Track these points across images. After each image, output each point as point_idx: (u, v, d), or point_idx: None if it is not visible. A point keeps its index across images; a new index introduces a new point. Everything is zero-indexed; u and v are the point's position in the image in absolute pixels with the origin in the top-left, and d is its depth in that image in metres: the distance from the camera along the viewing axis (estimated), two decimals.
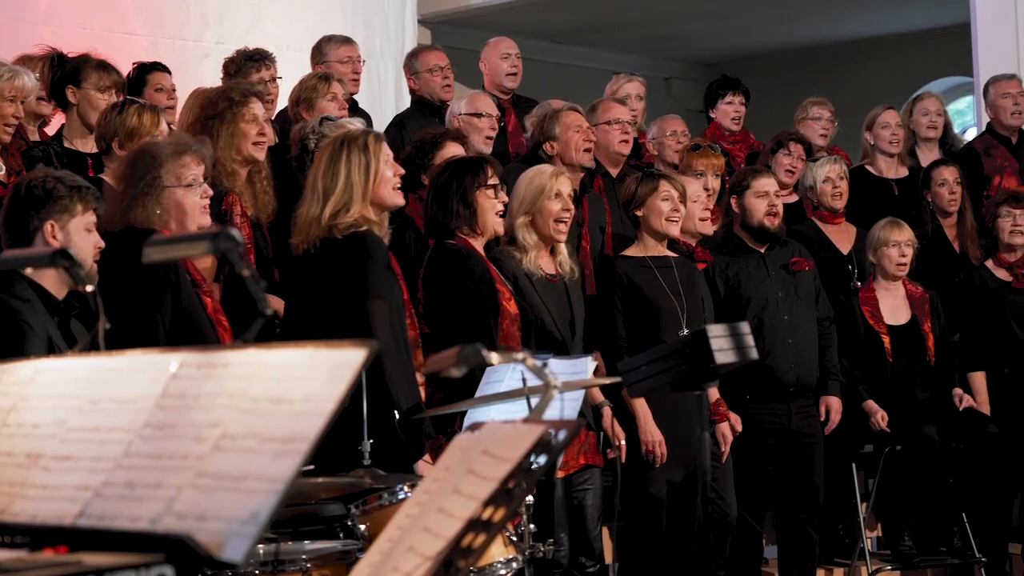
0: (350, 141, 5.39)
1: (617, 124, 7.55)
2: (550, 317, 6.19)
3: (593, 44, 14.61)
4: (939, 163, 8.45)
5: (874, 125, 8.83)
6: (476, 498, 2.85)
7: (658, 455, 6.50)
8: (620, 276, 6.65)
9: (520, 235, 6.23)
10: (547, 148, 7.08)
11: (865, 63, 15.07)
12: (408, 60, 8.72)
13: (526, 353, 3.30)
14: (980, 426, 7.46)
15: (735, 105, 9.15)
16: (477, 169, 5.94)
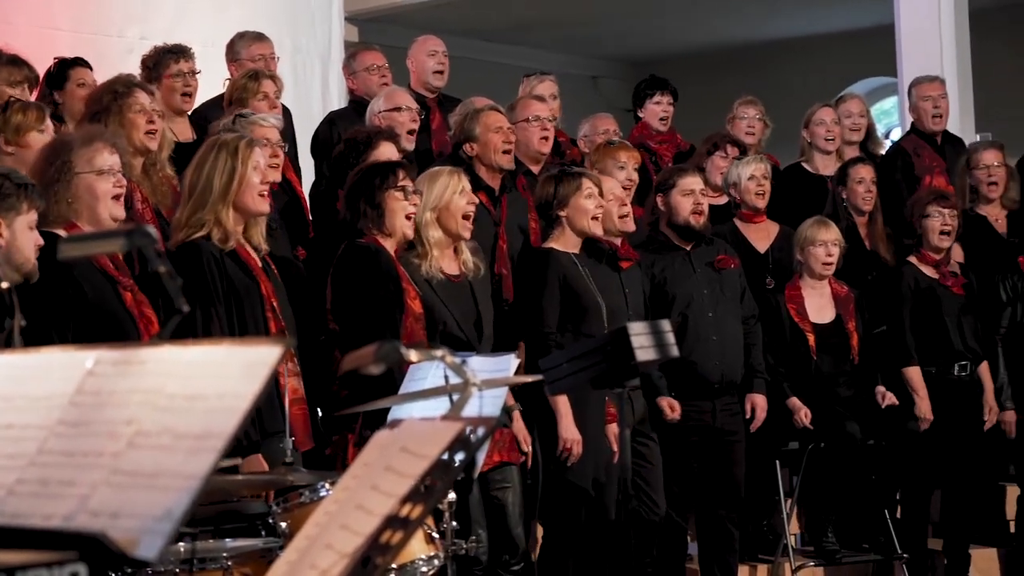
0: (222, 144, 5.46)
1: (536, 121, 7.55)
2: (453, 319, 6.17)
3: (522, 42, 14.62)
4: (856, 161, 8.51)
5: (810, 123, 8.88)
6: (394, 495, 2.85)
7: (574, 454, 6.50)
8: (545, 272, 6.64)
9: (425, 233, 6.21)
10: (467, 149, 7.07)
11: (792, 63, 15.16)
12: (346, 60, 8.75)
13: (445, 351, 3.30)
14: (902, 423, 7.51)
15: (663, 105, 9.17)
16: (387, 172, 5.97)
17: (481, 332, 6.26)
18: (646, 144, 8.88)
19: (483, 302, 6.33)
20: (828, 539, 7.77)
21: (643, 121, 9.17)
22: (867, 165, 8.43)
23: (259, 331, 5.39)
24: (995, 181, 8.48)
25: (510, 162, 7.14)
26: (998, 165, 8.49)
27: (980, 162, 8.48)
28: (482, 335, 6.26)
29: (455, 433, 2.90)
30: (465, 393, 3.33)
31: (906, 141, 9.33)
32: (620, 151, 7.71)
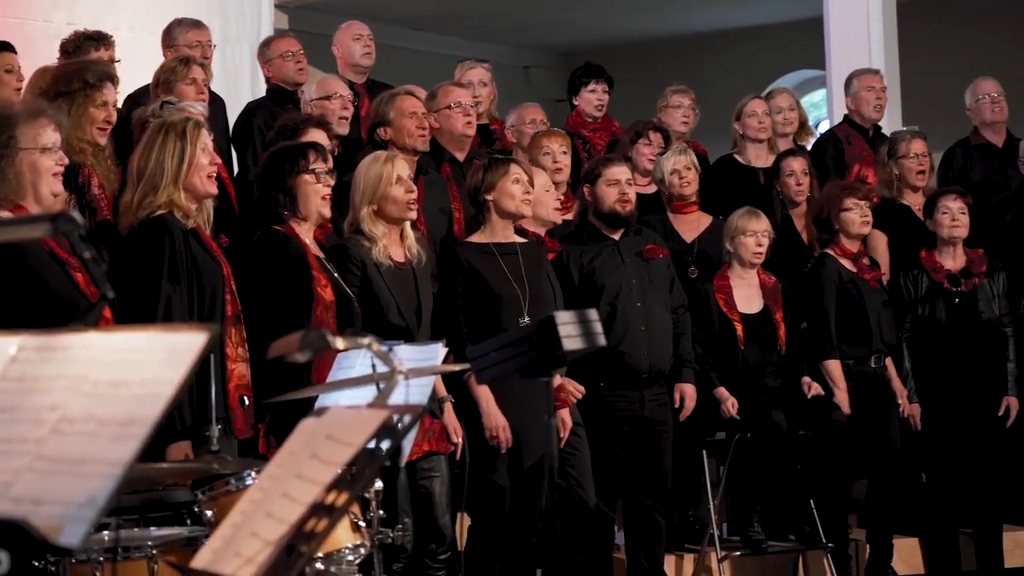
0: (169, 127, 5.43)
1: (458, 107, 7.55)
2: (395, 306, 6.18)
3: (452, 31, 14.61)
4: (788, 153, 8.56)
5: (742, 114, 8.91)
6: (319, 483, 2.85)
7: (502, 440, 6.51)
8: (461, 263, 6.64)
9: (366, 227, 6.21)
10: (381, 133, 7.08)
11: (721, 55, 15.23)
12: (260, 49, 8.70)
13: (372, 339, 3.29)
14: (827, 414, 7.56)
15: (598, 93, 9.18)
16: (298, 155, 5.94)
17: (420, 320, 6.26)
18: (580, 132, 8.90)
19: (424, 290, 6.34)
20: (754, 529, 7.82)
21: (578, 109, 9.17)
22: (799, 157, 8.47)
23: (216, 312, 5.38)
24: (923, 170, 8.55)
25: (425, 144, 7.15)
26: (926, 155, 8.56)
27: (909, 151, 8.54)
28: (421, 323, 6.26)
29: (381, 421, 2.90)
30: (391, 381, 3.33)
31: (839, 129, 9.40)
32: (545, 137, 7.74)
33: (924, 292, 8.04)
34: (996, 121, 9.35)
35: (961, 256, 8.13)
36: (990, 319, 8.08)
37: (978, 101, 9.38)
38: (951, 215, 8.06)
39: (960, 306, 8.03)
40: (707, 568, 7.76)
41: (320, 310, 5.79)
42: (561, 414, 6.70)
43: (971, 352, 8.01)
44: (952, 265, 8.09)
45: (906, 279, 8.08)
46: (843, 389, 7.80)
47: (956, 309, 8.03)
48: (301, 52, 8.48)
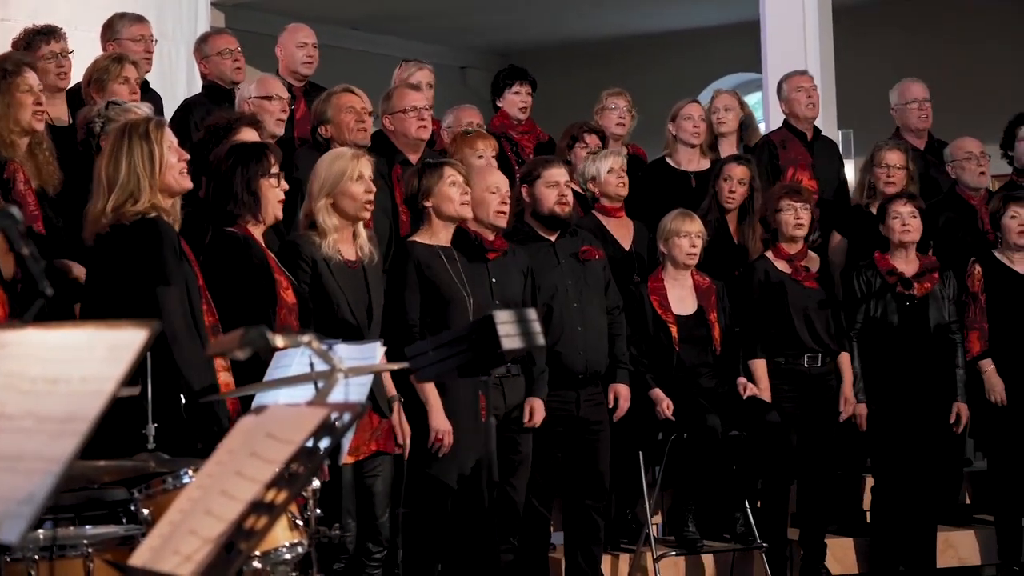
0: (131, 130, 5.33)
1: (413, 112, 7.54)
2: (346, 303, 6.16)
3: (390, 32, 14.61)
4: (732, 159, 8.59)
5: (678, 117, 8.94)
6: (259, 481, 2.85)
7: (445, 444, 6.51)
8: (414, 261, 6.65)
9: (321, 218, 6.19)
10: (322, 131, 7.08)
11: (658, 58, 15.29)
12: (198, 44, 8.63)
13: (312, 336, 3.29)
14: (761, 415, 7.60)
15: (522, 95, 9.17)
16: (260, 156, 5.88)
17: (371, 318, 6.25)
18: (507, 134, 8.90)
19: (375, 289, 6.31)
20: (689, 529, 7.85)
21: (503, 111, 9.16)
22: (742, 166, 8.48)
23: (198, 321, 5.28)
24: (893, 181, 8.60)
25: (365, 139, 7.14)
26: (899, 167, 8.62)
27: (883, 161, 8.61)
28: (372, 321, 6.25)
29: (320, 419, 2.90)
30: (331, 380, 3.33)
31: (775, 133, 9.44)
32: (477, 139, 7.74)
33: (876, 292, 8.10)
34: (921, 128, 9.44)
35: (914, 260, 8.19)
36: (939, 324, 8.14)
37: (905, 105, 9.46)
38: (902, 219, 8.12)
39: (911, 310, 8.09)
40: (642, 568, 7.79)
41: (284, 313, 5.74)
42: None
43: (920, 357, 8.07)
44: (905, 268, 8.15)
45: (859, 279, 8.14)
46: (765, 388, 7.85)
47: (907, 312, 8.08)
48: (239, 51, 8.44)
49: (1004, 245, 8.28)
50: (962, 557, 8.52)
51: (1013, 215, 8.23)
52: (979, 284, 8.24)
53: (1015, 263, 8.26)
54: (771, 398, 7.81)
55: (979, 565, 8.55)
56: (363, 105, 7.28)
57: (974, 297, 8.24)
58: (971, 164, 8.83)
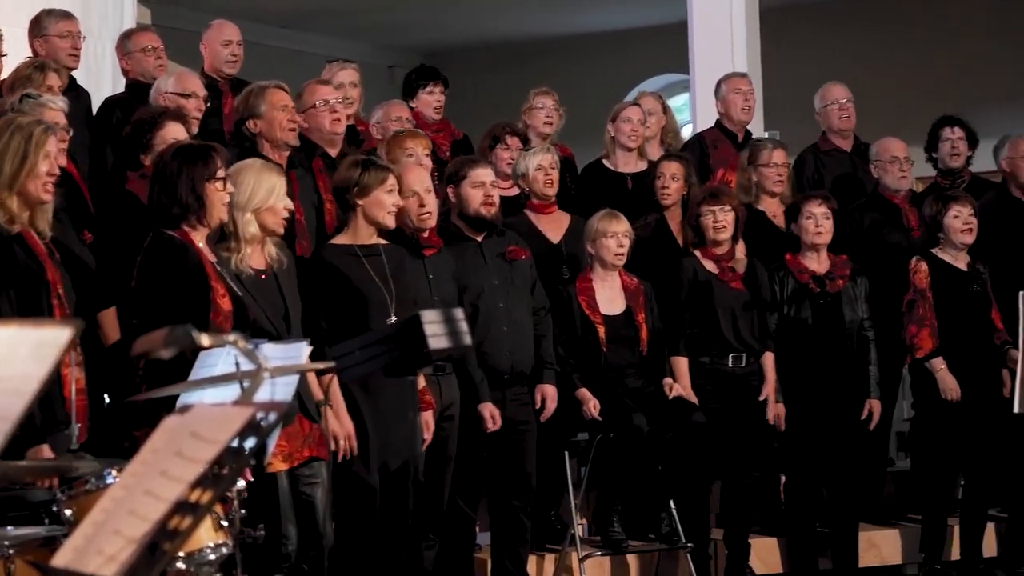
0: (16, 128, 5.29)
1: (324, 106, 7.51)
2: (263, 314, 6.07)
3: (317, 30, 14.58)
4: (668, 157, 8.63)
5: (617, 119, 8.95)
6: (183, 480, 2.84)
7: (345, 448, 6.44)
8: (325, 265, 6.59)
9: (243, 229, 6.09)
10: (250, 125, 7.01)
11: (585, 58, 15.33)
12: (120, 41, 8.57)
13: (238, 336, 3.28)
14: (687, 415, 7.63)
15: (436, 95, 9.17)
16: (207, 159, 5.77)
17: (289, 325, 6.17)
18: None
19: (290, 295, 6.23)
20: (614, 529, 7.86)
21: (416, 111, 9.13)
22: (674, 161, 8.52)
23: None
24: (782, 179, 8.67)
25: (295, 139, 7.11)
26: (783, 164, 8.68)
27: (769, 160, 8.65)
28: (291, 327, 6.16)
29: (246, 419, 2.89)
30: (256, 379, 3.32)
31: (708, 133, 9.50)
32: (408, 139, 7.73)
33: (790, 293, 8.15)
34: (844, 129, 9.51)
35: (825, 260, 8.25)
36: (853, 321, 8.20)
37: (826, 107, 9.54)
38: (815, 220, 8.17)
39: (825, 308, 8.15)
40: (568, 568, 7.80)
41: (220, 320, 5.66)
42: (425, 416, 6.68)
43: (835, 354, 8.13)
44: (817, 268, 8.20)
45: (772, 280, 8.18)
46: (686, 385, 7.88)
47: (821, 311, 8.14)
48: (162, 48, 8.39)
49: (946, 243, 8.33)
50: (884, 556, 8.60)
51: (956, 214, 8.29)
52: (926, 281, 8.29)
53: (957, 261, 8.33)
54: (695, 396, 7.84)
55: (901, 564, 8.63)
56: (294, 105, 7.24)
57: (922, 294, 8.29)
58: (894, 167, 8.91)
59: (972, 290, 8.27)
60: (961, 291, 8.27)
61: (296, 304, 6.27)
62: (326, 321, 6.48)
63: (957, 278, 8.29)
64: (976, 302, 8.28)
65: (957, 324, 8.25)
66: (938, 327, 8.25)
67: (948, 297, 8.26)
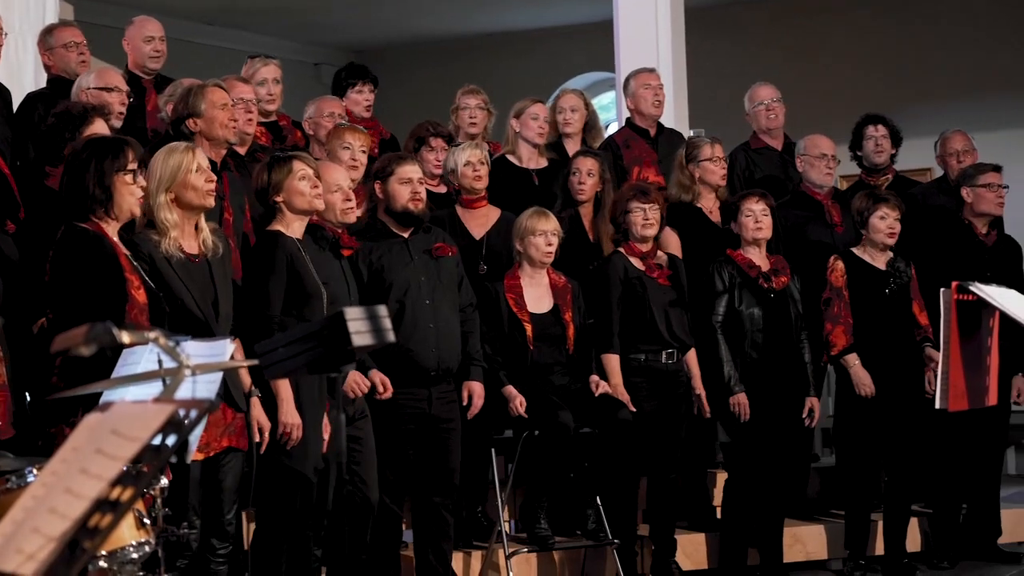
0: None
1: (241, 103, 7.50)
2: (191, 298, 6.07)
3: (243, 26, 14.52)
4: (581, 153, 8.66)
5: (523, 115, 8.97)
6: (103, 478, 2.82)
7: (293, 438, 6.46)
8: (284, 251, 6.57)
9: (161, 215, 6.09)
10: (190, 124, 6.99)
11: (512, 56, 15.34)
12: (42, 36, 8.51)
13: (159, 332, 3.26)
14: (613, 412, 7.65)
15: (364, 93, 9.20)
16: (117, 152, 5.77)
17: (218, 312, 6.17)
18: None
19: (221, 282, 6.22)
20: (541, 526, 7.88)
21: (346, 109, 9.13)
22: (588, 158, 8.56)
23: None
24: (725, 173, 8.71)
25: (235, 136, 7.10)
26: (718, 160, 8.72)
27: (711, 154, 8.69)
28: (219, 314, 6.16)
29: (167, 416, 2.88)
30: (178, 376, 3.30)
31: (618, 134, 9.54)
32: (348, 132, 7.72)
33: (739, 287, 8.18)
34: (771, 128, 9.57)
35: (764, 258, 8.29)
36: (797, 318, 8.26)
37: (755, 108, 9.61)
38: (754, 217, 8.22)
39: (773, 303, 8.19)
40: (495, 565, 7.81)
41: (135, 312, 5.64)
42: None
43: (780, 350, 8.18)
44: (759, 263, 8.25)
45: (719, 271, 8.20)
46: (618, 383, 7.91)
47: (770, 305, 8.18)
48: (84, 43, 8.33)
49: (868, 243, 8.41)
50: (809, 551, 8.66)
51: (883, 216, 8.36)
52: (843, 280, 8.37)
53: (876, 260, 8.40)
54: (627, 393, 7.86)
55: (826, 559, 8.69)
56: (234, 103, 7.21)
57: (838, 292, 8.36)
58: (821, 163, 8.98)
59: (889, 289, 8.34)
60: (878, 290, 8.34)
61: (227, 293, 6.25)
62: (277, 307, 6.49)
63: (874, 277, 8.37)
64: (894, 300, 8.36)
65: (874, 322, 8.33)
66: (856, 325, 8.33)
67: (865, 295, 8.34)
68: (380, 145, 8.99)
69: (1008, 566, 8.67)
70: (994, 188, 8.72)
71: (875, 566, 8.53)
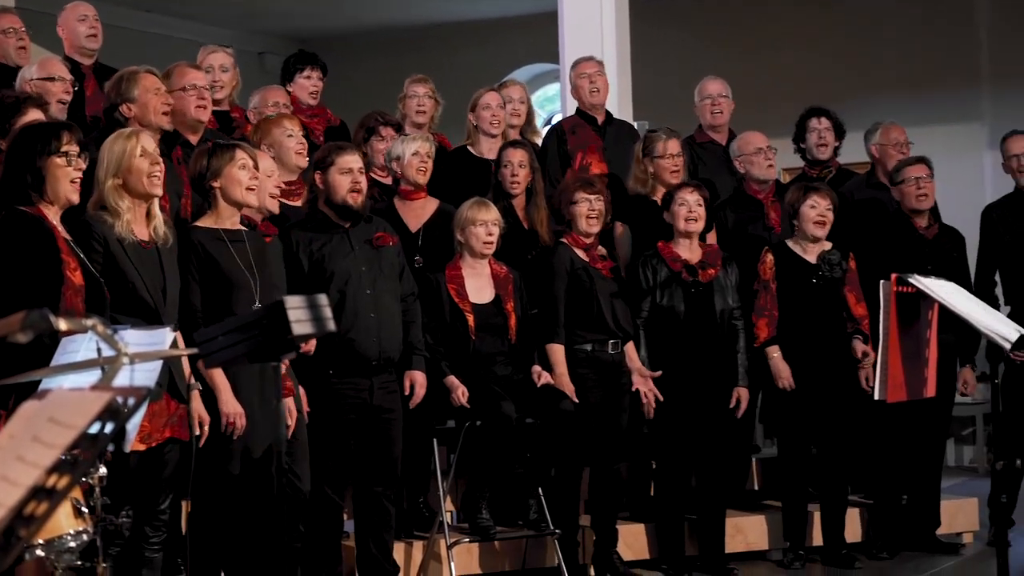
0: None
1: (193, 90, 7.46)
2: (142, 283, 6.08)
3: (184, 15, 14.43)
4: (509, 145, 8.64)
5: (477, 106, 8.98)
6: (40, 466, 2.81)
7: (237, 427, 6.45)
8: (196, 246, 6.56)
9: (111, 200, 6.11)
10: (123, 110, 6.97)
11: (458, 47, 15.33)
12: None
13: (96, 320, 3.24)
14: (555, 402, 7.66)
15: (312, 80, 9.19)
16: (49, 136, 5.77)
17: (166, 298, 6.17)
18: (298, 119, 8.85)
19: (169, 269, 6.24)
20: (482, 516, 7.88)
21: (292, 95, 9.13)
22: (518, 149, 8.55)
23: None
24: (677, 169, 8.72)
25: (168, 123, 7.06)
26: (678, 154, 8.73)
27: (664, 151, 8.70)
28: (167, 301, 6.17)
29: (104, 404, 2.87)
30: (115, 365, 3.29)
31: (566, 120, 9.56)
32: (285, 118, 7.70)
33: (663, 281, 8.21)
34: (716, 124, 9.59)
35: (697, 249, 8.32)
36: (723, 311, 8.28)
37: (702, 102, 9.62)
38: (688, 207, 8.23)
39: (697, 297, 8.21)
40: (436, 555, 7.81)
41: (69, 294, 5.63)
42: (287, 402, 6.67)
43: (705, 343, 8.20)
44: (689, 256, 8.27)
45: (644, 268, 8.23)
46: (563, 373, 7.92)
47: (693, 300, 8.21)
48: (23, 30, 8.28)
49: (799, 234, 8.46)
50: (750, 542, 8.69)
51: (812, 205, 8.40)
52: (771, 272, 8.41)
53: (807, 252, 8.45)
54: (573, 384, 7.87)
55: (767, 549, 8.73)
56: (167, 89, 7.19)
57: (765, 285, 8.40)
58: (759, 158, 9.00)
59: (815, 281, 8.39)
60: (807, 281, 8.39)
61: (175, 281, 6.29)
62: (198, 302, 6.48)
63: (804, 269, 8.42)
64: (823, 292, 8.41)
65: (803, 313, 8.38)
66: (784, 316, 8.38)
67: (794, 287, 8.39)
68: (327, 132, 8.97)
69: (947, 556, 8.72)
70: (912, 182, 8.75)
71: (815, 556, 8.58)
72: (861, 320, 8.41)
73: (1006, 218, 9.08)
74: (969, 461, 13.19)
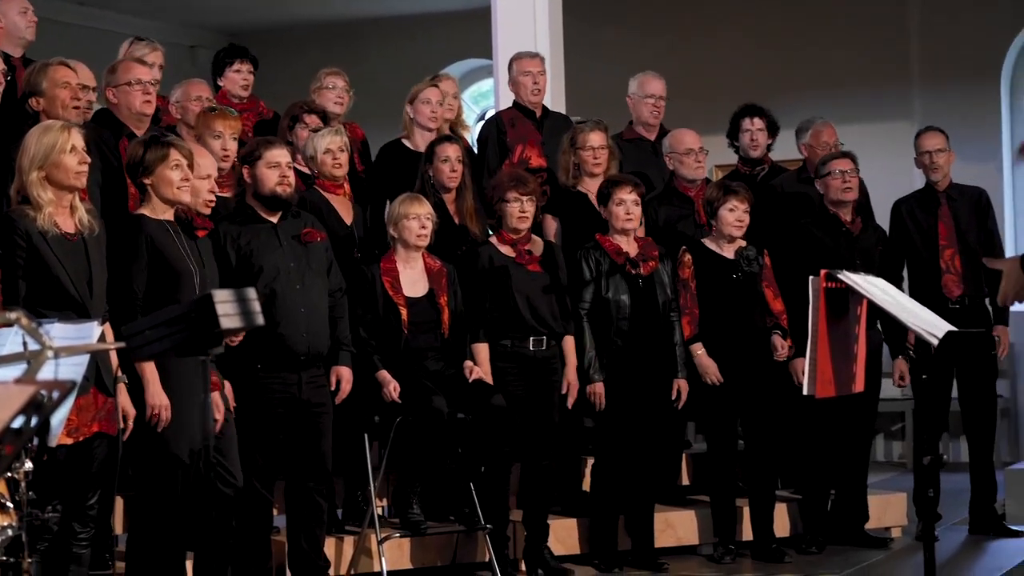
0: None
1: (139, 85, 7.43)
2: (67, 276, 6.05)
3: (116, 8, 14.33)
4: (443, 139, 8.63)
5: (416, 100, 8.97)
6: None
7: (163, 419, 6.42)
8: (146, 234, 6.53)
9: (35, 192, 6.07)
10: (33, 103, 6.94)
11: (391, 42, 15.30)
12: None
13: (20, 313, 3.22)
14: (486, 398, 7.67)
15: (243, 73, 9.18)
16: None
17: (92, 291, 6.13)
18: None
19: (96, 261, 6.21)
20: (413, 511, 7.88)
21: (224, 89, 9.11)
22: (453, 144, 8.54)
23: None
24: (600, 161, 8.74)
25: (78, 116, 7.02)
26: (602, 147, 8.74)
27: (587, 143, 8.72)
28: (93, 294, 6.13)
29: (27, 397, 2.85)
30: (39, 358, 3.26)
31: (505, 112, 9.54)
32: (217, 120, 7.67)
33: (606, 271, 8.22)
34: (653, 124, 9.60)
35: (633, 243, 8.34)
36: (665, 303, 8.32)
37: (643, 99, 9.60)
38: (626, 207, 8.26)
39: (641, 289, 8.24)
40: (367, 550, 7.80)
41: None
42: (214, 397, 6.63)
43: (649, 335, 8.23)
44: (628, 249, 8.30)
45: (587, 259, 8.24)
46: (487, 371, 7.93)
47: (637, 291, 8.23)
48: None
49: (717, 233, 8.51)
50: (680, 536, 8.72)
51: (731, 208, 8.44)
52: (689, 271, 8.46)
53: (724, 249, 8.50)
54: (496, 381, 7.89)
55: (697, 544, 8.76)
56: (79, 80, 7.14)
57: (685, 284, 8.45)
58: (689, 159, 9.03)
59: (735, 278, 8.44)
60: (726, 278, 8.44)
61: (101, 272, 6.25)
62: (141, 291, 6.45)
63: (722, 266, 8.47)
64: (742, 288, 8.46)
65: (723, 310, 8.43)
66: (705, 313, 8.44)
67: (714, 284, 8.44)
68: (258, 124, 8.94)
69: (875, 551, 8.78)
70: (837, 175, 8.81)
71: (745, 551, 8.62)
72: (780, 315, 8.49)
73: (914, 212, 9.23)
74: (898, 456, 13.29)
